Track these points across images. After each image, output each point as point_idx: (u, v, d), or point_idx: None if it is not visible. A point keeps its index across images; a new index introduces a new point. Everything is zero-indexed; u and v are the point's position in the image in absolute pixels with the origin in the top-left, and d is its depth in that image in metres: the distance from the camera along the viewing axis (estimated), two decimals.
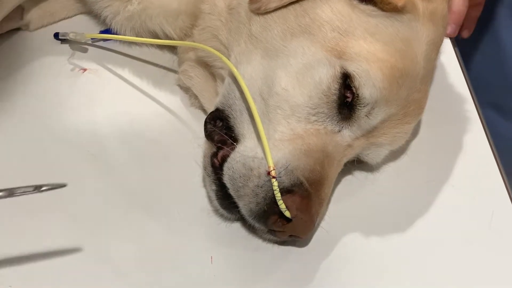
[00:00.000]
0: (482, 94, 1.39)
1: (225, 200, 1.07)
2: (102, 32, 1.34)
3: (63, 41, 1.33)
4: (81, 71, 1.29)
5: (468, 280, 1.08)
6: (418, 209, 1.16)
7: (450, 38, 1.45)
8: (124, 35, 1.30)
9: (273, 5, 1.09)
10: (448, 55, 1.39)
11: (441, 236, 1.13)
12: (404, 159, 1.22)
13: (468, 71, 1.40)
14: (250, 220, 1.05)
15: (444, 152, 1.24)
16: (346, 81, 1.05)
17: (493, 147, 1.25)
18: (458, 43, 1.46)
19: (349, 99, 1.06)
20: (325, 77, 1.05)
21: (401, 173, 1.20)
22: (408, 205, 1.16)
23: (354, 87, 1.04)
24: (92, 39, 1.34)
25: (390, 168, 1.21)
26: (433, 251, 1.11)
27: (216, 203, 1.09)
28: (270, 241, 1.08)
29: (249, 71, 1.10)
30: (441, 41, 1.14)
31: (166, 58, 1.32)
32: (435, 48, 1.13)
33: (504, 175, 1.21)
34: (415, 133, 1.22)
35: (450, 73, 1.36)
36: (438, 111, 1.23)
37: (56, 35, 1.33)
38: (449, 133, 1.27)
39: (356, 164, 1.16)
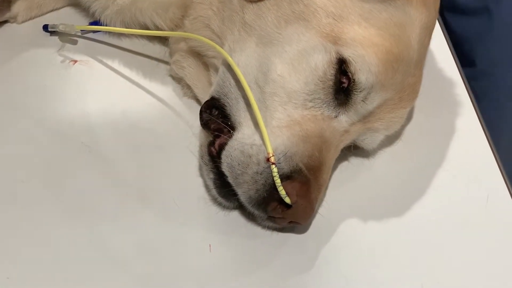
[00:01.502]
0: None
1: (223, 189, 1.07)
2: (91, 23, 1.33)
3: (52, 33, 1.32)
4: (72, 62, 1.28)
5: (464, 263, 1.09)
6: (414, 194, 1.17)
7: (439, 22, 1.45)
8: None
9: None
10: (437, 39, 1.39)
11: (437, 220, 1.14)
12: (398, 145, 1.23)
13: None
14: (249, 207, 1.05)
15: (438, 137, 1.25)
16: (342, 66, 1.05)
17: (486, 131, 1.26)
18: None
19: (345, 85, 1.06)
20: (321, 63, 1.05)
21: (396, 159, 1.21)
22: (404, 190, 1.17)
23: (350, 72, 1.05)
24: (81, 30, 1.32)
25: (385, 154, 1.21)
26: (430, 235, 1.12)
27: (214, 191, 1.09)
28: (269, 228, 1.08)
29: (243, 59, 1.10)
30: (434, 25, 1.15)
31: (156, 49, 1.31)
32: (428, 33, 1.13)
33: (498, 159, 1.22)
34: (409, 118, 1.22)
35: (440, 57, 1.37)
36: (430, 96, 1.24)
37: (45, 27, 1.32)
38: (441, 118, 1.28)
39: (353, 150, 1.16)
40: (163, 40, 1.32)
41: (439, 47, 1.37)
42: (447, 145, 1.24)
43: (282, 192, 1.00)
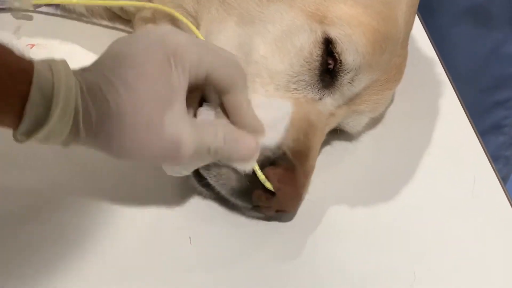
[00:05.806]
0: None
1: (203, 178, 1.01)
2: None
3: (2, 10, 1.22)
4: (29, 46, 1.19)
5: (455, 248, 1.06)
6: (400, 179, 1.13)
7: None
8: None
9: None
10: None
11: (426, 205, 1.10)
12: (380, 128, 1.19)
13: None
14: (232, 199, 0.99)
15: (419, 119, 1.22)
16: (328, 46, 1.01)
17: (466, 111, 1.24)
18: None
19: (332, 66, 1.02)
20: (307, 43, 1.00)
21: (379, 143, 1.17)
22: (389, 174, 1.13)
23: (337, 52, 1.00)
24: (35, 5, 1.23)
25: (368, 138, 1.17)
26: (419, 221, 1.08)
27: (193, 180, 1.03)
28: (253, 217, 1.03)
29: (222, 40, 1.04)
30: (418, 1, 1.11)
31: (120, 35, 1.23)
32: (413, 10, 1.10)
33: (481, 140, 1.20)
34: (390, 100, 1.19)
35: (416, 37, 1.34)
36: (409, 77, 1.20)
37: None
38: (422, 99, 1.25)
39: (339, 133, 1.12)
40: (126, 22, 1.24)
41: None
42: (430, 127, 1.21)
43: (261, 176, 0.95)
